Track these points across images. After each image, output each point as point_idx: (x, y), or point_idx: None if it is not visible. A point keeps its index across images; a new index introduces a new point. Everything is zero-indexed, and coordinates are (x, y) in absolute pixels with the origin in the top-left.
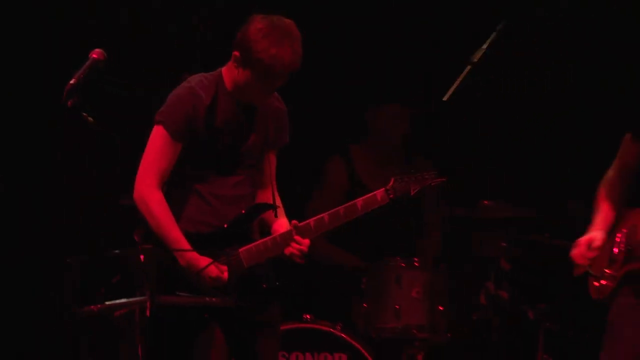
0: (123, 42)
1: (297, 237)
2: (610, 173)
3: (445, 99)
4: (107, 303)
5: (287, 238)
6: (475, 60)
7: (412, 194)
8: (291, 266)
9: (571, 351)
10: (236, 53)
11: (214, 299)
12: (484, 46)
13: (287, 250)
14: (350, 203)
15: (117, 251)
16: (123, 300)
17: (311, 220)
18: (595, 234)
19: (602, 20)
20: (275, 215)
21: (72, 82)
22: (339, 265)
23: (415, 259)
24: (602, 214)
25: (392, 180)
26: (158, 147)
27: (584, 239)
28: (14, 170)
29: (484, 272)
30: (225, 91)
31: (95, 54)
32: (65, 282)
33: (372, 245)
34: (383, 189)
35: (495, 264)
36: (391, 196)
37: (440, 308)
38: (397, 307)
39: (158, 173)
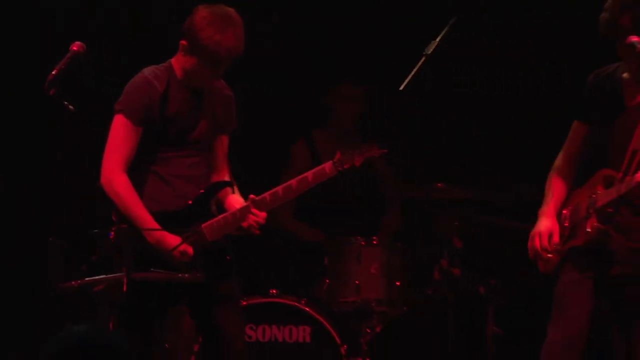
0: (120, 41)
1: (254, 210)
2: (560, 158)
3: (401, 88)
4: (87, 279)
5: (245, 211)
6: (429, 52)
7: (357, 165)
8: (256, 242)
9: (519, 324)
10: (183, 42)
11: (186, 275)
12: (437, 39)
13: (245, 223)
14: (301, 176)
15: (95, 231)
16: (102, 276)
17: (267, 194)
18: (553, 228)
19: (550, 14)
20: (233, 192)
21: (53, 72)
22: (305, 241)
23: (374, 238)
24: (553, 200)
25: (339, 153)
26: (120, 133)
27: (543, 231)
28: (14, 168)
29: (438, 251)
30: (176, 79)
31: (76, 46)
32: (49, 260)
33: (336, 221)
34: (331, 161)
35: (448, 242)
36: (339, 168)
37: (397, 283)
38: (357, 282)
39: (122, 158)
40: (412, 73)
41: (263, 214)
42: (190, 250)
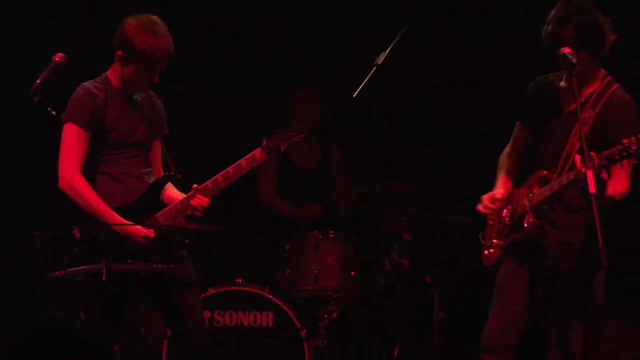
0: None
1: (198, 196)
2: (505, 152)
3: (354, 95)
4: (69, 269)
5: (190, 198)
6: (380, 62)
7: (282, 150)
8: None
9: (463, 310)
10: (119, 52)
11: (159, 266)
12: (387, 50)
13: (190, 209)
14: (236, 163)
15: (77, 226)
16: (83, 267)
17: (208, 182)
18: (497, 191)
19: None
20: (175, 183)
21: (37, 81)
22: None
23: (331, 231)
24: (501, 180)
25: (265, 140)
26: (72, 140)
27: (487, 194)
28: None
29: (388, 243)
30: (113, 89)
31: (57, 57)
32: (34, 253)
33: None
34: (260, 148)
35: (398, 236)
36: (267, 153)
37: (352, 273)
38: (315, 272)
39: (77, 161)
40: (365, 81)
41: (206, 200)
42: (151, 233)
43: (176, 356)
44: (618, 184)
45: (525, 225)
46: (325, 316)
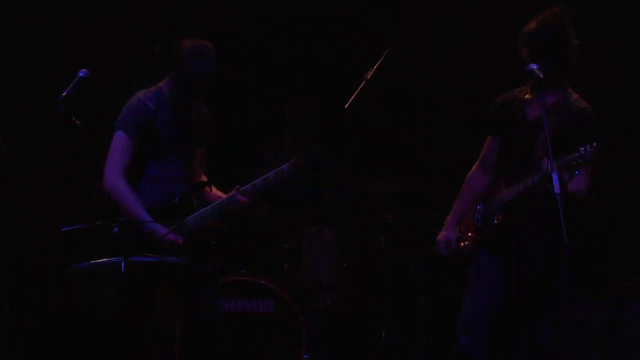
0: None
1: (240, 197)
2: (474, 168)
3: (345, 107)
4: (92, 262)
5: (232, 198)
6: (368, 77)
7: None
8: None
9: (442, 295)
10: (171, 70)
11: (174, 259)
12: (375, 65)
13: (234, 208)
14: (270, 172)
15: (99, 223)
16: (105, 259)
17: (249, 185)
18: (449, 236)
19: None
20: (210, 190)
21: (63, 94)
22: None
23: (326, 227)
24: (457, 211)
25: (293, 157)
26: (119, 146)
27: (441, 240)
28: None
29: (377, 237)
30: (164, 99)
31: (82, 72)
32: (61, 247)
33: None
34: (288, 163)
35: (385, 230)
36: (294, 168)
37: (344, 265)
38: (312, 264)
39: (121, 166)
40: (355, 94)
41: (247, 200)
42: (180, 240)
43: (189, 342)
44: (579, 183)
45: (496, 222)
46: (321, 304)
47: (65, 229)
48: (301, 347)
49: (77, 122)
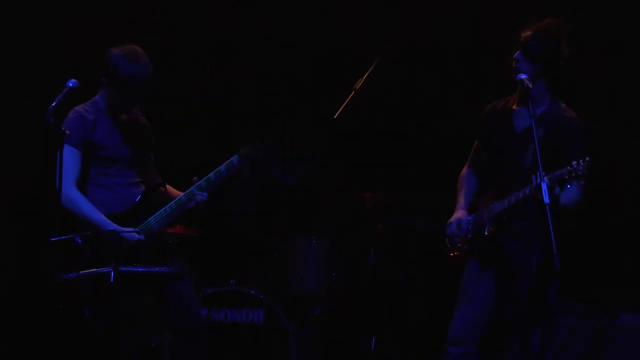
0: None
1: (198, 193)
2: (465, 169)
3: (335, 117)
4: (81, 272)
5: (190, 194)
6: (358, 87)
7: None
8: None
9: (432, 305)
10: (104, 79)
11: (165, 269)
12: (364, 75)
13: (194, 205)
14: (221, 165)
15: (88, 233)
16: (93, 270)
17: (202, 180)
18: (461, 217)
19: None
20: (166, 189)
21: (53, 104)
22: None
23: (314, 237)
24: (461, 200)
25: (241, 148)
26: (67, 159)
27: (453, 220)
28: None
29: (367, 247)
30: (102, 110)
31: (71, 83)
32: (49, 257)
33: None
34: (237, 154)
35: (375, 240)
36: (243, 159)
37: (334, 275)
38: (301, 274)
39: (73, 179)
40: (344, 104)
41: (204, 195)
42: (143, 239)
43: (177, 350)
44: (570, 195)
45: (487, 233)
46: (310, 313)
47: (55, 239)
48: (291, 357)
49: (67, 132)
